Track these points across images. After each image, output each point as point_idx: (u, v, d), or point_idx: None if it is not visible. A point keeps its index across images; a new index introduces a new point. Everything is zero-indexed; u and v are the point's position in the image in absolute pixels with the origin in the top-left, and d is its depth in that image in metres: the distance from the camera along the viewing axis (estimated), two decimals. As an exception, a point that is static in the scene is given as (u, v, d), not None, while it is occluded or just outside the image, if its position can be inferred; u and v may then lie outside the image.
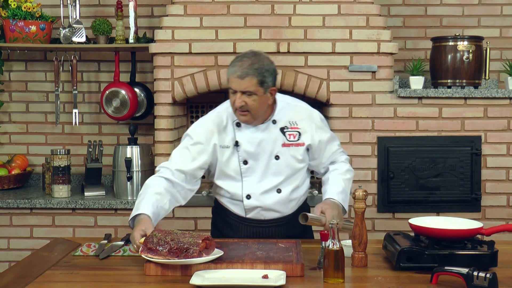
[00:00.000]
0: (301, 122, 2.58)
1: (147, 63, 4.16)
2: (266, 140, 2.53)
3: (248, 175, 2.55)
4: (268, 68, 2.43)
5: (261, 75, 2.40)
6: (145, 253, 2.13)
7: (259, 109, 2.46)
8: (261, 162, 2.54)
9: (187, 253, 2.10)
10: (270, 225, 2.62)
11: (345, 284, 2.03)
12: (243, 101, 2.41)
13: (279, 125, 2.55)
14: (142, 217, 2.34)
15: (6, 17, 3.89)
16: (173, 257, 2.10)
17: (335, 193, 2.56)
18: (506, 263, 2.23)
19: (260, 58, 2.44)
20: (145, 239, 2.18)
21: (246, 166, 2.54)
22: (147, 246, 2.14)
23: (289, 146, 2.55)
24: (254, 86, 2.39)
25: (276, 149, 2.54)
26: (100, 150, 3.93)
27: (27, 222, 3.83)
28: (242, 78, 2.38)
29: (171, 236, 2.16)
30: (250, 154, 2.53)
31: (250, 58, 2.42)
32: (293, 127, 2.56)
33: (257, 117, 2.49)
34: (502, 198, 3.71)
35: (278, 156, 2.54)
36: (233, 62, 2.45)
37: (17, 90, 4.28)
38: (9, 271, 2.25)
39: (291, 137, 2.55)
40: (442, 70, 3.74)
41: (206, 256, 2.13)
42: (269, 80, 2.43)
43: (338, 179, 2.61)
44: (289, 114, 2.57)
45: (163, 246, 2.11)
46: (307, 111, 2.63)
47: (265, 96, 2.44)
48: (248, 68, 2.39)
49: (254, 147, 2.53)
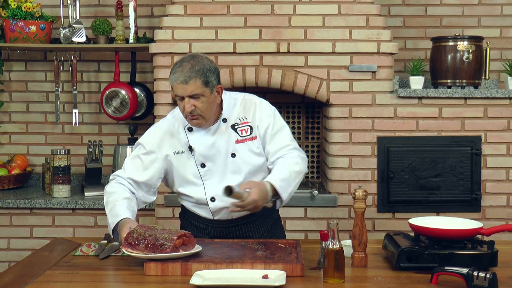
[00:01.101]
0: (250, 115, 2.55)
1: (147, 63, 4.16)
2: (219, 140, 2.51)
3: (208, 178, 2.53)
4: (209, 67, 2.41)
5: (204, 76, 2.38)
6: (125, 248, 2.20)
7: (209, 111, 2.44)
8: (219, 162, 2.52)
9: (162, 248, 2.15)
10: (240, 223, 2.60)
11: (345, 284, 2.03)
12: (192, 105, 2.38)
13: (229, 122, 2.53)
14: (126, 220, 2.36)
15: (6, 17, 3.89)
16: (150, 252, 2.15)
17: (275, 179, 2.44)
18: (506, 263, 2.24)
19: (199, 60, 2.41)
20: (127, 234, 2.22)
21: (205, 169, 2.53)
22: (127, 241, 2.20)
23: (243, 142, 2.53)
24: (199, 88, 2.37)
25: (230, 147, 2.51)
26: (100, 150, 3.93)
27: (27, 222, 3.83)
28: (186, 82, 2.36)
29: (150, 232, 2.20)
30: (206, 157, 2.51)
31: (189, 61, 2.39)
32: (244, 122, 2.54)
33: (209, 118, 2.46)
34: (502, 198, 3.71)
35: (234, 154, 2.52)
36: (173, 69, 2.41)
37: (17, 90, 4.29)
38: (9, 271, 2.25)
39: (243, 132, 2.53)
40: (442, 70, 3.74)
41: (182, 252, 2.16)
42: (213, 79, 2.41)
43: (283, 168, 2.49)
44: (238, 110, 2.55)
45: (141, 241, 2.17)
46: (255, 103, 2.58)
47: (213, 96, 2.42)
48: (189, 71, 2.36)
49: (209, 149, 2.51)
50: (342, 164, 3.66)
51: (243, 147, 2.52)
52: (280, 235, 2.74)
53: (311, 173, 4.16)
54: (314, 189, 3.69)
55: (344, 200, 3.64)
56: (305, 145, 4.16)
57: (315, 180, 4.14)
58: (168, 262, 2.14)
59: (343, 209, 3.65)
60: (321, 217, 3.65)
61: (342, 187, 3.66)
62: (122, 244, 2.22)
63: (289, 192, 2.48)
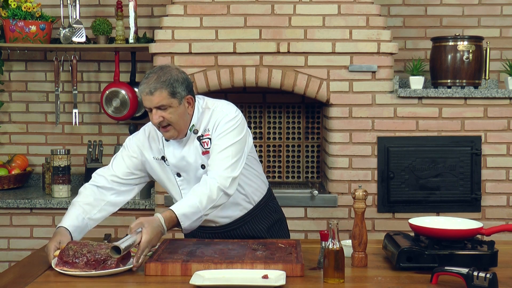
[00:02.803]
0: (211, 127, 2.45)
1: (147, 63, 4.16)
2: (188, 153, 2.46)
3: (185, 187, 2.51)
4: (177, 78, 2.36)
5: (170, 86, 2.33)
6: (61, 267, 2.13)
7: (179, 122, 2.39)
8: (191, 173, 2.49)
9: (105, 264, 2.11)
10: (226, 230, 2.59)
11: (345, 284, 2.03)
12: (160, 116, 2.35)
13: (198, 134, 2.47)
14: (60, 230, 2.35)
15: (6, 17, 3.89)
16: (90, 269, 2.11)
17: (180, 206, 2.31)
18: (506, 263, 2.24)
19: (167, 71, 2.37)
20: (60, 252, 2.18)
21: (180, 178, 2.51)
22: (62, 259, 2.15)
23: (207, 154, 2.45)
24: (166, 99, 2.33)
25: (199, 159, 2.46)
26: (100, 150, 3.93)
27: (27, 222, 3.83)
28: (152, 93, 2.32)
29: (87, 248, 2.15)
30: (179, 168, 2.49)
31: (156, 73, 2.36)
32: (206, 134, 2.46)
33: (180, 130, 2.41)
34: (502, 198, 3.71)
35: (203, 166, 2.46)
36: (141, 81, 2.38)
37: (17, 90, 4.29)
38: (9, 271, 2.25)
39: (205, 144, 2.45)
40: (442, 70, 3.74)
41: (123, 267, 2.14)
42: (180, 89, 2.36)
43: (193, 194, 2.34)
44: (205, 120, 2.47)
45: (79, 258, 2.12)
46: (219, 115, 2.46)
47: (182, 106, 2.37)
48: (155, 82, 2.33)
49: (179, 161, 2.47)
50: (342, 164, 3.66)
51: (207, 159, 2.45)
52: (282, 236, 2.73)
53: (311, 173, 4.16)
54: (314, 189, 3.69)
55: (344, 200, 3.64)
56: (305, 145, 4.16)
57: (315, 180, 4.13)
58: (168, 262, 2.14)
59: (343, 209, 3.65)
60: (321, 217, 3.65)
61: (342, 187, 3.66)
62: (56, 263, 2.16)
63: (196, 218, 2.32)
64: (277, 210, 2.76)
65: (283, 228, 2.77)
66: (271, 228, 2.68)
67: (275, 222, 2.71)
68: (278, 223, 2.74)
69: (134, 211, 3.78)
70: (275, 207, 2.75)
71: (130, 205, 3.74)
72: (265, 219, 2.66)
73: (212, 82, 3.65)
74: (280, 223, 2.76)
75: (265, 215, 2.67)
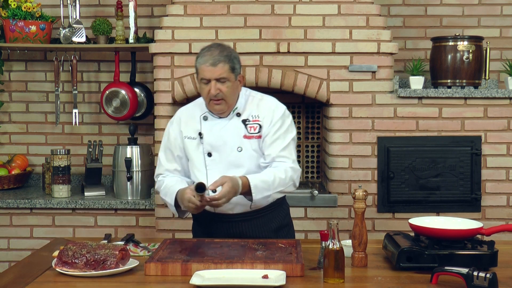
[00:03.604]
0: (263, 115, 2.58)
1: (147, 63, 4.16)
2: (228, 132, 2.57)
3: (211, 168, 2.57)
4: (235, 55, 2.54)
5: (231, 62, 2.49)
6: (60, 267, 2.14)
7: (232, 96, 2.53)
8: (224, 154, 2.56)
9: (105, 264, 2.12)
10: (240, 220, 2.61)
11: (345, 284, 2.04)
12: (218, 88, 2.47)
13: (241, 117, 2.59)
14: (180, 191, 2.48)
15: (6, 17, 3.89)
16: (90, 269, 2.11)
17: (254, 177, 2.47)
18: (506, 263, 2.24)
19: (227, 47, 2.54)
20: (59, 253, 2.19)
21: (210, 158, 2.58)
22: (62, 260, 2.15)
23: (250, 138, 2.56)
24: (226, 72, 2.47)
25: (238, 141, 2.56)
26: (100, 150, 3.93)
27: (27, 222, 3.83)
28: (215, 65, 2.45)
29: (87, 248, 2.16)
30: (213, 146, 2.57)
31: (217, 48, 2.51)
32: (255, 120, 2.58)
33: (230, 105, 2.55)
34: (502, 198, 3.71)
35: (240, 148, 2.56)
36: (201, 53, 2.52)
37: (17, 90, 4.29)
38: (9, 271, 2.25)
39: (251, 129, 2.57)
40: (442, 70, 3.74)
41: (123, 267, 2.15)
42: (238, 67, 2.53)
43: (269, 172, 2.52)
44: (252, 108, 2.60)
45: (79, 259, 2.13)
46: (271, 105, 2.62)
47: (236, 83, 2.54)
48: (219, 55, 2.47)
49: (216, 138, 2.57)
50: (342, 164, 3.66)
51: (249, 143, 2.56)
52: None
53: (311, 173, 4.16)
54: (314, 189, 3.69)
55: (344, 200, 3.64)
56: (305, 145, 4.16)
57: (315, 180, 4.13)
58: (168, 262, 2.14)
59: (343, 209, 3.65)
60: (321, 217, 3.65)
61: (342, 187, 3.66)
62: (55, 263, 2.17)
63: (264, 195, 2.48)
64: (288, 215, 2.78)
65: (290, 235, 2.78)
66: (279, 230, 2.70)
67: (284, 226, 2.73)
68: (287, 228, 2.76)
69: (134, 211, 3.78)
70: (287, 212, 2.78)
71: (130, 205, 3.74)
72: (276, 219, 2.68)
73: (212, 82, 3.65)
74: (288, 228, 2.77)
75: (277, 215, 2.69)
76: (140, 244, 2.52)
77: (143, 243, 2.56)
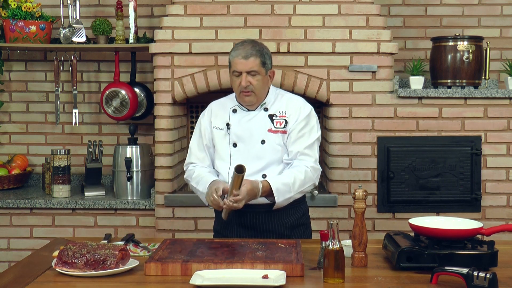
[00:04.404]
0: (290, 112, 2.69)
1: (147, 63, 4.16)
2: (254, 124, 2.67)
3: (235, 158, 2.67)
4: (267, 51, 2.67)
5: (262, 56, 2.62)
6: (60, 267, 2.14)
7: (262, 90, 2.65)
8: (248, 145, 2.66)
9: (105, 264, 2.12)
10: (258, 211, 2.65)
11: (345, 284, 2.03)
12: (248, 81, 2.60)
13: (268, 112, 2.69)
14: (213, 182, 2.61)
15: (6, 17, 3.89)
16: (90, 269, 2.11)
17: (275, 181, 2.57)
18: (506, 263, 2.24)
19: (259, 43, 2.68)
20: (59, 253, 2.19)
21: (235, 149, 2.68)
22: (62, 260, 2.15)
23: (275, 133, 2.66)
24: (257, 66, 2.60)
25: (262, 134, 2.66)
26: (100, 150, 3.93)
27: (27, 222, 3.83)
28: (247, 58, 2.59)
29: (87, 248, 2.16)
30: (239, 137, 2.68)
31: (250, 43, 2.66)
32: (282, 116, 2.69)
33: (259, 98, 2.67)
34: (502, 198, 3.71)
35: (264, 141, 2.65)
36: (235, 47, 2.65)
37: (17, 90, 4.29)
38: (9, 271, 2.25)
39: (277, 124, 2.67)
40: (442, 70, 3.74)
41: (123, 267, 2.15)
42: (268, 62, 2.66)
43: (290, 173, 2.62)
44: (280, 104, 2.72)
45: (79, 259, 2.13)
46: (299, 103, 2.73)
47: (266, 77, 2.66)
48: (251, 49, 2.61)
49: (243, 129, 2.68)
50: (342, 164, 3.66)
51: (273, 137, 2.66)
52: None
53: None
54: (314, 189, 3.69)
55: (344, 200, 3.64)
56: (305, 145, 4.15)
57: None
58: (168, 262, 2.14)
59: (343, 209, 3.65)
60: (321, 217, 3.65)
61: (342, 187, 3.66)
62: (55, 263, 2.17)
63: (286, 197, 2.58)
64: (305, 215, 2.81)
65: (307, 235, 2.80)
66: (295, 228, 2.74)
67: (300, 225, 2.77)
68: (303, 228, 2.79)
69: (134, 211, 3.78)
70: (304, 212, 2.81)
71: (130, 205, 3.74)
72: (292, 217, 2.72)
73: (212, 82, 3.65)
74: (305, 228, 2.80)
75: (293, 213, 2.72)
76: (140, 244, 2.52)
77: (143, 243, 2.56)
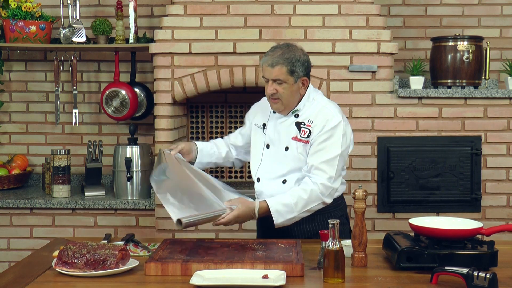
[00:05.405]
0: (317, 123, 2.58)
1: (147, 63, 4.16)
2: (283, 129, 2.64)
3: (265, 160, 2.67)
4: (299, 58, 2.53)
5: (291, 65, 2.51)
6: (60, 267, 2.14)
7: (289, 98, 2.57)
8: (276, 149, 2.65)
9: (105, 264, 2.12)
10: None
11: (345, 284, 2.04)
12: (274, 88, 2.54)
13: (298, 119, 2.63)
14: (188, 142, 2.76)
15: (6, 17, 3.89)
16: (90, 269, 2.11)
17: (275, 202, 2.50)
18: (506, 263, 2.24)
19: (292, 49, 2.55)
20: (59, 253, 2.19)
21: (267, 150, 2.67)
22: (62, 259, 2.15)
23: (298, 141, 2.60)
24: (283, 75, 2.52)
25: (287, 140, 2.62)
26: (100, 150, 3.93)
27: (27, 222, 3.83)
28: (273, 66, 2.51)
29: (87, 248, 2.16)
30: (271, 140, 2.67)
31: (282, 48, 2.55)
32: (308, 125, 2.60)
33: (288, 105, 2.59)
34: (502, 198, 3.71)
35: (287, 148, 2.62)
36: (267, 52, 2.58)
37: (17, 90, 4.29)
38: (9, 271, 2.25)
39: (303, 133, 2.60)
40: (442, 70, 3.74)
41: (123, 267, 2.15)
42: (299, 70, 2.53)
43: (293, 194, 2.52)
44: (311, 112, 2.61)
45: (79, 259, 2.13)
46: (328, 115, 2.59)
47: (296, 85, 2.55)
48: (278, 57, 2.51)
49: (274, 132, 2.66)
50: (342, 164, 3.65)
51: (296, 145, 2.60)
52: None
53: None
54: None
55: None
56: (305, 145, 4.15)
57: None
58: (168, 262, 2.14)
59: (343, 209, 3.65)
60: (321, 217, 3.64)
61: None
62: (55, 263, 2.17)
63: (288, 218, 2.51)
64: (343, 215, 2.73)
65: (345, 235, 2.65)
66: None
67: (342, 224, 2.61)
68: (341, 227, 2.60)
69: (134, 211, 3.78)
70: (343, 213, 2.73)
71: (130, 205, 3.74)
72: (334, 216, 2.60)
73: (212, 82, 3.65)
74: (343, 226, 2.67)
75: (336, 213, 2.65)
76: (140, 244, 2.52)
77: (143, 243, 2.56)
